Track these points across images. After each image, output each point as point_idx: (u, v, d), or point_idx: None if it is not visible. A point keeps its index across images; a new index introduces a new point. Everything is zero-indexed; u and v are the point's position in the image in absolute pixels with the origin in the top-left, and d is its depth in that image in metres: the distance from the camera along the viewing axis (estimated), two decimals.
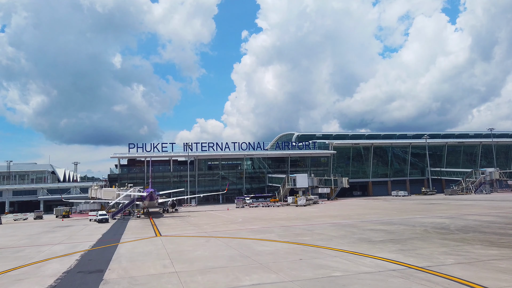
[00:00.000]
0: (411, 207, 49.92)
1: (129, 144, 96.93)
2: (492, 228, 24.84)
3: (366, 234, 24.43)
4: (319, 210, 52.74)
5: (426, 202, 61.79)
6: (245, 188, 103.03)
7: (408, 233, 24.26)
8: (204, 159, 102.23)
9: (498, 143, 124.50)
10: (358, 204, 65.96)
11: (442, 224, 28.13)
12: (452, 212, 39.36)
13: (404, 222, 30.64)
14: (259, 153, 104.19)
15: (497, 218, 30.81)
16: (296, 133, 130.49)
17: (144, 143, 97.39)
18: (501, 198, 63.27)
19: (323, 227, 30.12)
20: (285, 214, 46.17)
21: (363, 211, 47.36)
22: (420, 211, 42.21)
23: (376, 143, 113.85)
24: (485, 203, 51.33)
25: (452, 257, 16.03)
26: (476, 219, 31.12)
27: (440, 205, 51.58)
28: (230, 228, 32.80)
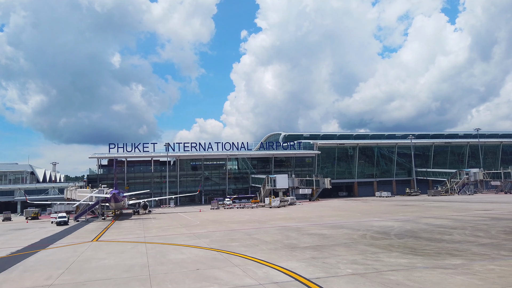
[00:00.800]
0: (380, 209, 48.78)
1: (109, 144, 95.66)
2: (433, 233, 23.72)
3: (299, 239, 23.29)
4: (287, 212, 51.58)
5: (401, 203, 60.70)
6: (228, 188, 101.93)
7: (342, 238, 23.12)
8: (186, 159, 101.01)
9: (486, 143, 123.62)
10: (333, 205, 64.81)
11: (388, 228, 27.00)
12: (415, 214, 38.25)
13: (354, 226, 29.51)
14: (243, 153, 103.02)
15: (449, 222, 29.70)
16: (283, 133, 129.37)
17: (124, 143, 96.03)
18: (477, 200, 62.23)
19: (268, 231, 28.98)
20: (248, 217, 45.01)
21: (329, 213, 46.23)
22: (384, 213, 41.09)
23: (362, 143, 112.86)
24: (456, 205, 50.26)
25: (355, 266, 14.90)
26: (429, 222, 30.00)
27: (410, 207, 50.48)
28: (176, 232, 31.70)
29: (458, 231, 24.17)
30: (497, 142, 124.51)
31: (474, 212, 38.26)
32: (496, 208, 41.45)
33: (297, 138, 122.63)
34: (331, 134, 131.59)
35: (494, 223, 27.73)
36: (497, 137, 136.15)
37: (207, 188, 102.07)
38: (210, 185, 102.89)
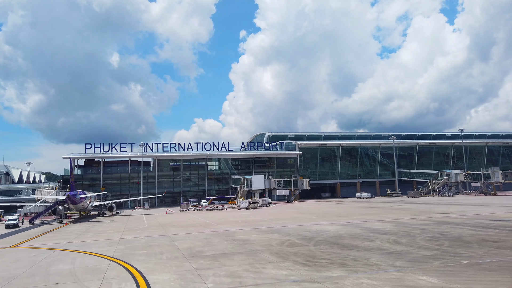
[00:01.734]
0: (342, 211, 47.35)
1: (86, 144, 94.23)
2: (357, 239, 22.27)
3: (214, 247, 21.82)
4: (248, 214, 50.13)
5: (371, 205, 59.29)
6: (208, 189, 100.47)
7: (258, 245, 21.65)
8: (165, 160, 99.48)
9: (471, 144, 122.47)
10: (303, 207, 63.39)
11: (319, 233, 25.53)
12: (368, 217, 36.81)
13: (290, 231, 28.07)
14: (223, 153, 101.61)
15: (391, 226, 28.28)
16: (267, 133, 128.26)
17: (101, 143, 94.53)
18: (450, 202, 60.92)
19: (197, 236, 27.51)
20: (201, 220, 43.52)
21: (288, 215, 44.80)
22: (339, 216, 39.65)
23: (344, 144, 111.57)
24: (422, 207, 48.89)
25: (224, 280, 13.45)
26: (369, 226, 28.57)
27: (375, 209, 49.05)
28: (106, 237, 30.30)
29: (387, 236, 22.75)
30: (483, 143, 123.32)
31: (430, 215, 36.86)
32: (457, 212, 40.07)
33: (282, 138, 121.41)
34: (317, 134, 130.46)
35: (433, 227, 26.30)
36: (485, 138, 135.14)
37: (186, 189, 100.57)
38: (189, 186, 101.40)
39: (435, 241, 20.43)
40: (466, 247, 18.08)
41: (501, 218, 31.31)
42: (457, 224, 28.18)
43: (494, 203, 53.43)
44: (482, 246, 18.33)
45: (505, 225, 26.41)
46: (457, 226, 26.91)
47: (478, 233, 22.66)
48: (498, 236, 21.13)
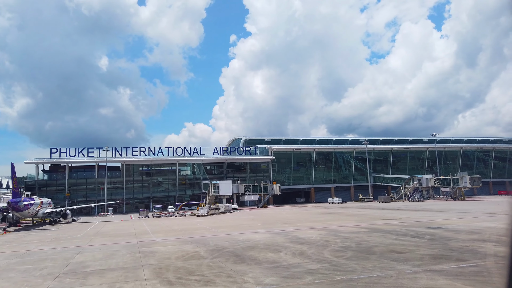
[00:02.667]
0: (299, 217, 45.97)
1: (51, 148, 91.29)
2: (264, 251, 20.82)
3: (101, 261, 20.15)
4: (202, 221, 48.38)
5: (332, 211, 58.14)
6: (178, 194, 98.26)
7: (149, 259, 20.06)
8: (134, 165, 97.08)
9: (445, 149, 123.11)
10: (265, 213, 61.90)
11: (238, 243, 24.02)
12: (314, 224, 35.50)
13: (213, 241, 26.51)
14: (194, 158, 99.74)
15: (321, 236, 26.90)
16: (243, 138, 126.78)
17: (67, 148, 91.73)
18: (410, 207, 60.21)
19: (93, 248, 25.85)
20: (144, 228, 41.62)
21: (238, 223, 43.25)
22: (288, 223, 38.20)
23: (318, 149, 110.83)
24: (377, 213, 47.87)
25: None
26: (298, 235, 27.16)
27: (331, 215, 47.82)
28: (19, 249, 28.31)
29: (300, 246, 21.33)
30: (457, 148, 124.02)
31: (375, 222, 35.73)
32: (404, 218, 39.07)
33: (258, 143, 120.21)
34: (293, 139, 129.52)
35: (358, 236, 25.01)
36: (462, 143, 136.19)
37: (156, 194, 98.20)
38: (159, 192, 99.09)
39: (342, 252, 19.10)
40: (362, 259, 16.78)
41: (439, 225, 30.31)
42: (387, 232, 27.00)
43: (453, 208, 52.83)
44: (381, 258, 17.05)
45: (433, 233, 25.31)
46: (385, 234, 25.72)
47: (394, 243, 21.44)
48: (410, 246, 19.92)
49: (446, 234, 24.33)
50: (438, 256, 16.92)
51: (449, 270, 14.06)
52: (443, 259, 16.23)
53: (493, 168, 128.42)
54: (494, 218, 34.50)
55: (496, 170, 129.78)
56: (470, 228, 26.99)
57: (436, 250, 18.36)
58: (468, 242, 20.63)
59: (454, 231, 25.67)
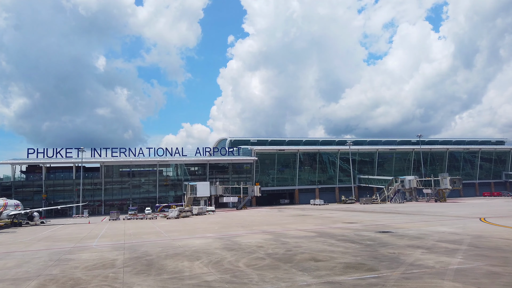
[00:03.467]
0: (268, 220, 44.79)
1: (28, 149, 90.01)
2: (172, 259, 19.63)
3: None
4: (162, 225, 47.09)
5: (306, 213, 56.98)
6: (159, 196, 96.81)
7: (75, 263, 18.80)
8: (113, 166, 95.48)
9: (431, 150, 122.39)
10: (238, 215, 60.60)
11: (169, 249, 22.80)
12: (270, 227, 34.29)
13: (149, 247, 25.28)
14: (175, 159, 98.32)
15: (263, 241, 25.67)
16: (229, 138, 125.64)
17: (45, 148, 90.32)
18: (383, 209, 59.17)
19: (22, 254, 24.48)
20: (98, 232, 40.29)
21: (198, 226, 41.97)
22: (249, 227, 36.99)
23: (302, 150, 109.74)
24: (347, 215, 46.76)
25: None
26: (239, 241, 25.94)
27: (301, 217, 46.64)
28: None
29: (230, 253, 20.13)
30: (444, 149, 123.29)
31: (334, 225, 34.57)
32: (365, 221, 37.97)
33: (244, 143, 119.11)
34: (280, 140, 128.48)
35: (298, 241, 23.78)
36: (450, 144, 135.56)
37: (136, 196, 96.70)
38: (139, 193, 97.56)
39: (261, 260, 17.84)
40: (272, 269, 15.54)
41: (393, 229, 29.18)
42: (333, 236, 25.80)
43: (425, 211, 51.79)
44: (293, 267, 15.81)
45: (376, 238, 24.14)
46: (328, 239, 24.49)
47: (326, 249, 20.23)
48: (336, 253, 18.72)
49: (388, 240, 23.18)
50: (353, 265, 15.74)
51: (346, 282, 12.89)
52: (354, 268, 15.06)
53: (479, 169, 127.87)
54: (453, 222, 33.43)
55: (483, 171, 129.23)
56: (419, 233, 25.86)
57: (358, 258, 17.18)
58: (401, 249, 19.48)
59: (399, 236, 24.53)
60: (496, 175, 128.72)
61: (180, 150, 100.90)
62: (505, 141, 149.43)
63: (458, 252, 17.75)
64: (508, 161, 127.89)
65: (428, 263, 15.49)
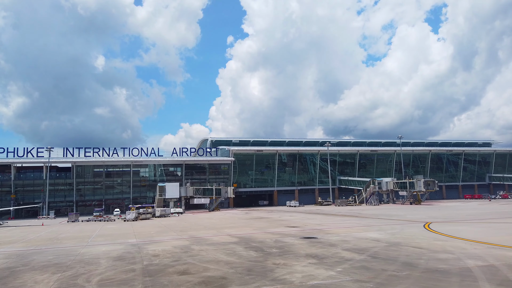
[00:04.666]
0: (210, 223, 43.04)
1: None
2: (34, 271, 17.90)
3: None
4: (106, 228, 45.34)
5: (260, 216, 55.28)
6: (133, 197, 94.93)
7: None
8: (86, 166, 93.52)
9: (414, 151, 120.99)
10: (200, 218, 58.81)
11: (61, 258, 21.11)
12: (194, 233, 32.64)
13: (52, 253, 23.55)
14: (150, 159, 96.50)
15: (172, 248, 24.03)
16: (210, 139, 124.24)
17: (16, 148, 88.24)
18: (349, 212, 57.53)
19: None
20: (32, 236, 38.49)
21: (137, 230, 40.25)
22: (185, 231, 35.33)
23: (281, 150, 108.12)
24: (296, 219, 45.08)
25: None
26: (142, 249, 24.26)
27: (247, 221, 44.98)
28: None
29: (113, 262, 18.44)
30: (426, 150, 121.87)
31: (271, 229, 32.91)
32: (310, 225, 36.29)
33: (225, 144, 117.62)
34: (262, 140, 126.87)
35: (202, 248, 22.14)
36: (436, 146, 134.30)
37: (109, 197, 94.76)
38: (113, 194, 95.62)
39: (127, 273, 16.18)
40: (111, 286, 13.88)
41: (322, 234, 27.52)
42: (249, 243, 24.04)
43: (388, 214, 50.20)
44: (148, 279, 14.16)
45: (289, 245, 22.42)
46: (241, 246, 22.80)
47: (219, 259, 18.51)
48: (219, 265, 16.98)
49: (295, 247, 21.47)
50: (213, 279, 14.07)
51: None
52: (207, 284, 13.39)
53: (464, 171, 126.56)
54: (394, 227, 31.80)
55: (467, 174, 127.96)
56: (339, 239, 24.21)
57: (231, 271, 15.48)
58: (294, 259, 17.78)
59: (314, 243, 22.85)
60: (480, 177, 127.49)
61: (156, 150, 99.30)
62: (492, 143, 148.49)
63: (347, 263, 16.11)
64: (492, 163, 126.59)
65: (293, 277, 13.83)
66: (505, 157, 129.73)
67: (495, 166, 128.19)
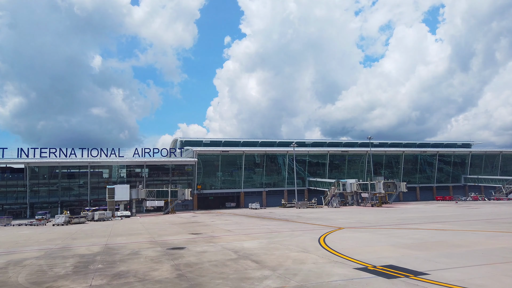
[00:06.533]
0: (124, 228, 40.16)
1: None
2: None
3: None
4: (21, 234, 42.34)
5: (193, 221, 52.46)
6: (90, 199, 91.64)
7: None
8: (42, 167, 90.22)
9: (387, 152, 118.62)
10: (134, 222, 55.94)
11: None
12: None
13: None
14: (107, 160, 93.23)
15: (34, 256, 21.07)
16: (179, 139, 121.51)
17: None
18: (294, 215, 54.74)
19: None
20: None
21: (38, 237, 37.28)
22: (73, 239, 32.42)
23: (248, 151, 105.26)
24: (218, 223, 42.27)
25: None
26: (6, 256, 21.27)
27: (162, 225, 42.11)
28: None
29: None
30: (399, 151, 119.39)
31: (167, 237, 30.06)
32: (231, 231, 33.45)
33: (196, 144, 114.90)
34: (235, 141, 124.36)
35: (33, 262, 19.22)
36: (414, 147, 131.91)
37: (65, 199, 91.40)
38: (69, 196, 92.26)
39: None
40: None
41: (194, 244, 24.66)
42: (110, 253, 21.19)
43: (325, 217, 47.41)
44: None
45: (117, 259, 19.56)
46: (89, 258, 19.92)
47: (41, 270, 15.64)
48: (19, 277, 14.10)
49: (117, 264, 18.61)
50: None
51: None
52: None
53: (440, 172, 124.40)
54: (288, 234, 28.97)
55: (443, 175, 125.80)
56: (206, 250, 21.36)
57: None
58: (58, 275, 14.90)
59: (158, 258, 19.99)
60: (456, 178, 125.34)
61: (117, 151, 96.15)
62: (472, 144, 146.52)
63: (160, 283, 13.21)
64: (467, 165, 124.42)
65: None
66: (481, 158, 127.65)
67: (473, 167, 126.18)
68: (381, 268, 14.98)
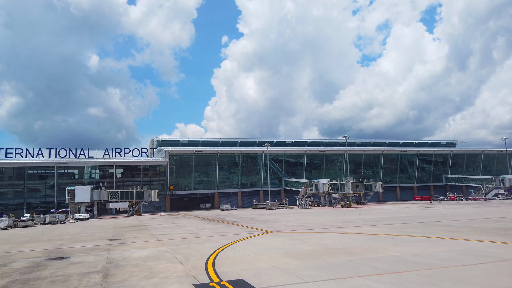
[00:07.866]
0: (68, 232, 37.96)
1: None
2: None
3: None
4: None
5: (143, 223, 50.29)
6: (57, 201, 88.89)
7: None
8: (5, 167, 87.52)
9: (365, 152, 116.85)
10: (87, 225, 53.67)
11: None
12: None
13: None
14: (75, 161, 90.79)
15: None
16: (155, 139, 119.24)
17: None
18: (252, 216, 52.67)
19: None
20: None
21: None
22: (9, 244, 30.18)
23: (222, 151, 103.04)
24: (170, 227, 40.16)
25: None
26: None
27: (102, 229, 39.92)
28: None
29: None
30: (379, 151, 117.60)
31: (77, 244, 27.90)
32: (155, 236, 31.32)
33: (173, 144, 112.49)
34: (214, 140, 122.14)
35: None
36: (398, 146, 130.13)
37: (31, 200, 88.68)
38: (35, 197, 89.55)
39: None
40: None
41: (81, 253, 22.53)
42: None
43: (278, 219, 45.42)
44: None
45: None
46: None
47: None
48: None
49: None
50: None
51: None
52: None
53: (422, 172, 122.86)
54: (207, 240, 26.91)
55: (425, 174, 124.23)
56: (95, 260, 19.22)
57: None
58: None
59: None
60: (437, 178, 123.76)
61: (86, 151, 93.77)
62: (456, 143, 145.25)
63: None
64: (449, 164, 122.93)
65: None
66: (463, 158, 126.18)
67: (456, 167, 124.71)
68: (224, 283, 12.97)
